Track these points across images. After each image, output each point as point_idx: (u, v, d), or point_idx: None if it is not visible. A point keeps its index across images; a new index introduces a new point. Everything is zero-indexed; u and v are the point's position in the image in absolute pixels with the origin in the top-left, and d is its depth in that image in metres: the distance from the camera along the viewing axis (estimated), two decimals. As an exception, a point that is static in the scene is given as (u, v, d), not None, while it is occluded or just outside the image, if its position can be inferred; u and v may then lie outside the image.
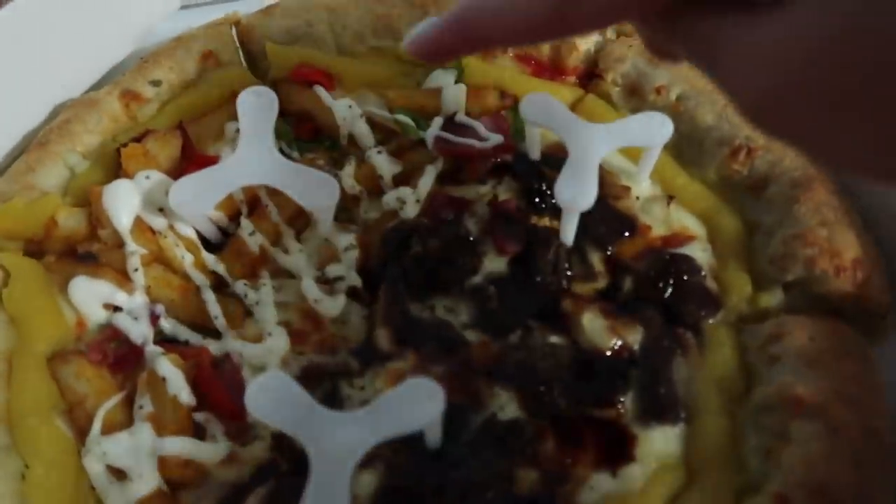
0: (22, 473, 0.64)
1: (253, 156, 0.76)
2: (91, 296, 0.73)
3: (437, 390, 0.60)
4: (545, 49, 0.96)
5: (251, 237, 0.81)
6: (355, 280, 0.80)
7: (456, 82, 0.93)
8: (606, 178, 0.85)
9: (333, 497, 0.56)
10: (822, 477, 0.62)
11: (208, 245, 0.82)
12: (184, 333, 0.76)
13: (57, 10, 0.92)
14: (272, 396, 0.61)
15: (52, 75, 0.93)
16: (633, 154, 0.87)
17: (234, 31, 0.98)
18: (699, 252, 0.81)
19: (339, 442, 0.58)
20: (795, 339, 0.71)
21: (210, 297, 0.77)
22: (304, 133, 0.92)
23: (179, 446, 0.66)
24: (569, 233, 0.79)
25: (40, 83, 0.92)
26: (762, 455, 0.66)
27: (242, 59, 0.97)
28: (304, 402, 0.61)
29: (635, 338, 0.75)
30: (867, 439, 0.64)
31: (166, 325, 0.76)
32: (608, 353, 0.74)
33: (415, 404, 0.60)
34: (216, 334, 0.76)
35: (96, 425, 0.66)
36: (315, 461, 0.58)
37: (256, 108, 0.78)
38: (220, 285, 0.80)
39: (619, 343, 0.74)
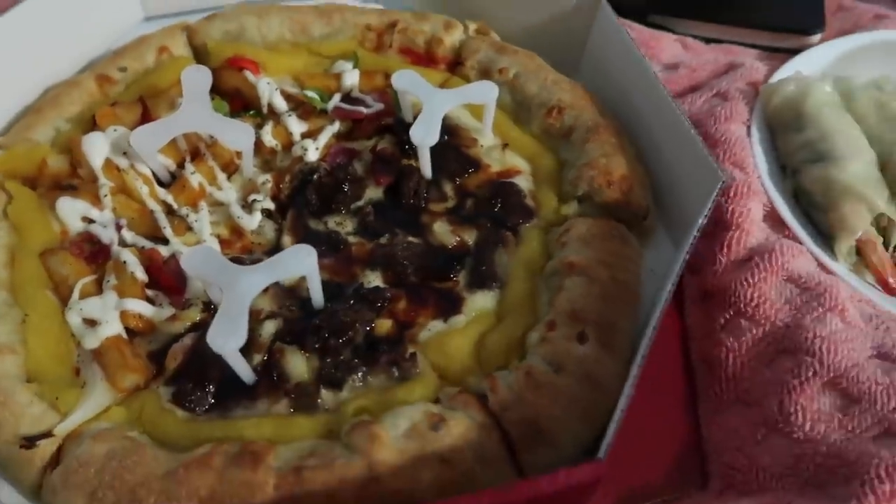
0: (23, 320, 0.90)
1: (192, 111, 1.04)
2: (72, 210, 1.01)
3: (311, 250, 0.88)
4: (420, 43, 1.27)
5: (193, 176, 1.08)
6: (269, 204, 1.08)
7: (353, 68, 1.24)
8: (461, 132, 1.16)
9: (236, 318, 0.82)
10: (577, 307, 0.90)
11: (161, 184, 1.10)
12: (140, 241, 1.02)
13: (48, 19, 1.21)
14: (200, 259, 0.88)
15: (44, 67, 1.22)
16: (480, 116, 1.17)
17: (184, 34, 1.28)
18: (524, 182, 1.11)
19: (245, 283, 0.85)
20: (577, 230, 1.01)
21: (161, 216, 1.04)
22: (236, 107, 1.20)
23: (135, 305, 0.92)
24: (426, 167, 1.09)
25: (35, 72, 1.20)
26: (547, 305, 0.95)
27: (190, 54, 1.27)
28: (221, 261, 0.87)
29: (471, 237, 1.04)
30: (612, 286, 0.93)
31: (127, 235, 1.02)
32: (450, 247, 1.03)
33: (296, 259, 0.88)
34: (165, 242, 1.03)
35: (76, 293, 0.93)
36: (226, 295, 0.85)
37: (195, 78, 1.07)
38: (169, 211, 1.07)
39: (458, 240, 1.03)
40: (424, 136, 1.04)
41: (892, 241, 1.05)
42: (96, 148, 1.05)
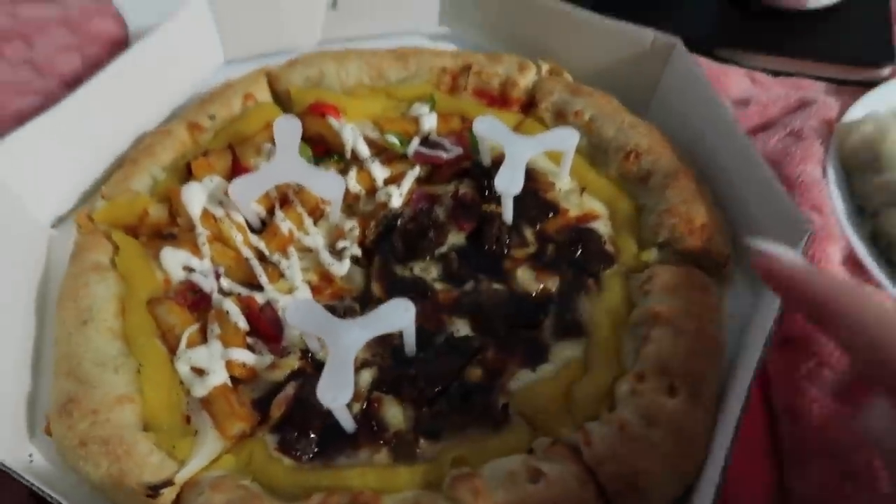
0: (137, 370, 0.96)
1: (286, 162, 1.09)
2: (174, 260, 1.06)
3: (410, 305, 0.92)
4: (495, 86, 1.30)
5: (283, 223, 1.13)
6: (356, 251, 1.12)
7: (430, 111, 1.27)
8: (538, 177, 1.18)
9: (343, 372, 0.87)
10: (665, 359, 0.92)
11: (252, 230, 1.15)
12: (237, 289, 1.07)
13: (137, 70, 1.27)
14: (304, 313, 0.93)
15: (135, 114, 1.28)
16: (557, 160, 1.20)
17: (266, 79, 1.33)
18: (602, 227, 1.13)
19: (347, 337, 0.89)
20: (661, 278, 1.03)
21: (255, 263, 1.09)
22: (318, 152, 1.25)
23: (240, 354, 0.97)
24: (507, 213, 1.12)
25: (127, 120, 1.26)
26: (633, 355, 0.97)
27: (272, 100, 1.32)
28: (323, 314, 0.92)
29: (554, 283, 1.07)
30: (699, 338, 0.95)
31: (225, 283, 1.08)
32: (534, 294, 1.06)
33: (395, 313, 0.92)
34: (260, 288, 1.08)
35: (183, 342, 0.98)
36: (331, 349, 0.89)
37: (287, 129, 1.11)
38: (261, 257, 1.12)
39: (542, 287, 1.06)
40: (509, 184, 1.07)
41: (976, 288, 1.05)
42: (195, 198, 1.10)
